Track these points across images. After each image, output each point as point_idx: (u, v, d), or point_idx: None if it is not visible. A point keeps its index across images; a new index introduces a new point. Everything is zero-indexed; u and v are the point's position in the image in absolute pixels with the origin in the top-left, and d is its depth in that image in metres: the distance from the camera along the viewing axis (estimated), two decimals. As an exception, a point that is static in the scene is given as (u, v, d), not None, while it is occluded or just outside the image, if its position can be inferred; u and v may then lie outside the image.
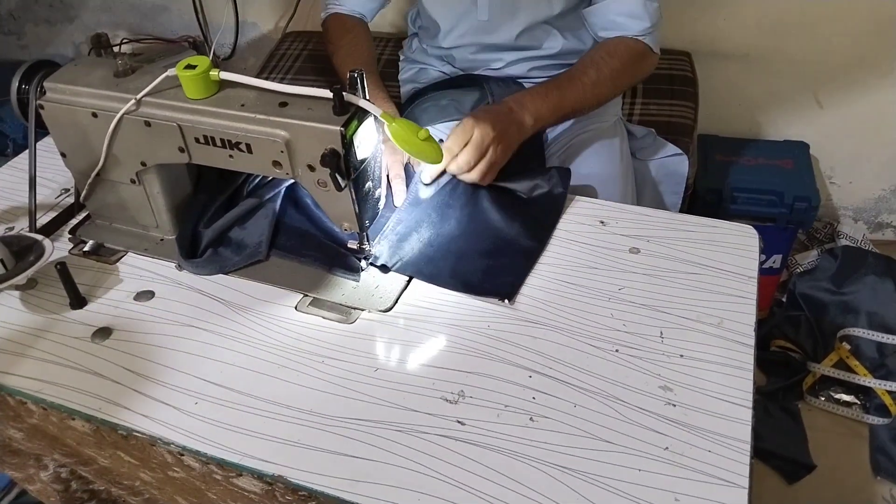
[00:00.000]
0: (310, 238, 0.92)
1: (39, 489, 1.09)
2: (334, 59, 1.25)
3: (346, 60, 1.22)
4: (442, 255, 0.90)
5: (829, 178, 1.91)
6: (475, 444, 0.69)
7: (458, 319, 0.83)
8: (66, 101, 0.86)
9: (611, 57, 1.12)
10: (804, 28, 1.68)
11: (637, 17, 1.11)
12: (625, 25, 1.12)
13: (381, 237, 0.93)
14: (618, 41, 1.13)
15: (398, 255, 0.90)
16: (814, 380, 1.60)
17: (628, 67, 1.13)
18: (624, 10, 1.12)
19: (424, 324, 0.83)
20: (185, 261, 0.90)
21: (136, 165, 0.88)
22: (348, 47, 1.24)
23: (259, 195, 0.96)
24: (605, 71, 1.11)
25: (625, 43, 1.13)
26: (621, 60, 1.12)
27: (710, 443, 0.68)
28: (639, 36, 1.12)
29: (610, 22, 1.14)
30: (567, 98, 1.08)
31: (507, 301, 0.84)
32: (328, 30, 1.30)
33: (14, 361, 0.80)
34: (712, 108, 1.79)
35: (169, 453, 0.74)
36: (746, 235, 0.91)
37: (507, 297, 0.84)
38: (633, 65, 1.13)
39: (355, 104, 0.77)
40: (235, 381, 0.77)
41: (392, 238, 0.93)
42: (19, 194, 1.06)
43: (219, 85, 0.82)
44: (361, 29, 1.30)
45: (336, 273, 0.88)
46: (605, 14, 1.14)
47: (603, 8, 1.14)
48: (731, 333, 0.79)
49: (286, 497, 0.70)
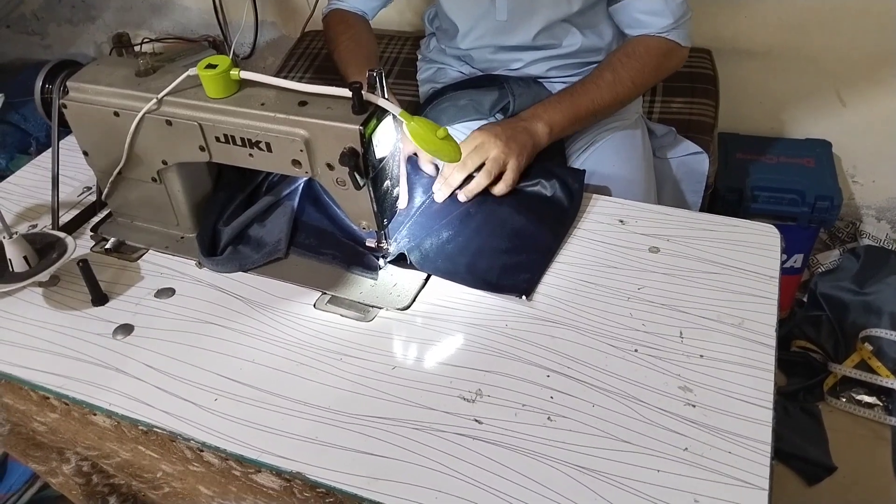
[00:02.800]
0: (328, 236, 0.93)
1: (61, 482, 1.11)
2: (335, 54, 1.25)
3: (347, 57, 1.21)
4: (459, 251, 0.90)
5: (851, 177, 1.89)
6: (493, 442, 0.69)
7: (476, 318, 0.83)
8: (89, 101, 0.87)
9: (628, 57, 1.11)
10: (827, 25, 1.66)
11: (658, 13, 1.10)
12: (647, 23, 1.12)
13: (398, 234, 0.93)
14: (637, 41, 1.13)
15: (416, 250, 0.90)
16: (835, 381, 1.58)
17: (649, 66, 1.12)
18: (645, 8, 1.11)
19: (442, 322, 0.83)
20: (206, 258, 0.91)
21: (158, 164, 0.88)
22: (348, 43, 1.23)
23: (277, 192, 0.96)
24: (623, 72, 1.10)
25: (644, 42, 1.12)
26: (641, 60, 1.11)
27: (730, 444, 0.67)
28: (661, 33, 1.11)
29: (633, 20, 1.13)
30: (581, 103, 1.08)
31: (524, 297, 0.83)
32: (329, 25, 1.30)
33: (37, 357, 0.81)
34: (733, 105, 1.77)
35: (189, 449, 0.75)
36: (768, 235, 0.90)
37: (524, 294, 0.84)
38: (654, 63, 1.12)
39: (374, 103, 0.77)
40: (255, 378, 0.77)
41: (410, 234, 0.93)
42: (42, 192, 1.07)
43: (239, 84, 0.83)
44: (363, 26, 1.29)
45: (354, 271, 0.89)
46: (628, 12, 1.13)
47: (626, 6, 1.13)
48: (751, 334, 0.78)
49: (304, 494, 0.71)
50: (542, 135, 1.04)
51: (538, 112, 1.06)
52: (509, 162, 0.98)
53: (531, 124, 1.04)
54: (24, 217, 1.03)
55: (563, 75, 1.27)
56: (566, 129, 1.08)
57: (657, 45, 1.12)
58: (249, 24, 2.16)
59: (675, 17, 1.10)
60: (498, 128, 1.01)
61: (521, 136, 1.01)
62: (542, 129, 1.04)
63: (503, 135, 1.00)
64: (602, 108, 1.11)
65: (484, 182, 0.97)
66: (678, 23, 1.11)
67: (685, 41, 1.14)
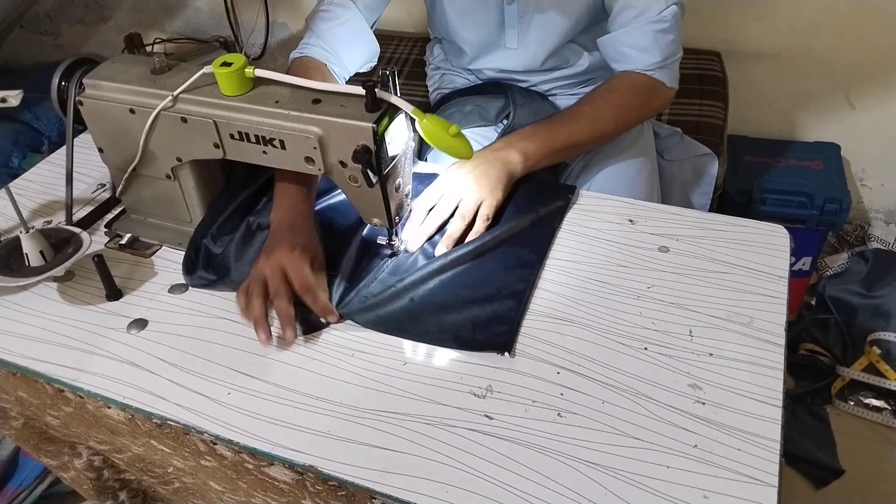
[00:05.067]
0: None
1: (73, 477, 1.12)
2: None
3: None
4: (425, 308, 0.83)
5: (860, 181, 1.89)
6: (503, 438, 0.70)
7: (487, 315, 0.83)
8: (105, 98, 0.88)
9: (610, 93, 1.06)
10: (836, 28, 1.66)
11: (646, 50, 1.04)
12: (632, 58, 1.05)
13: (354, 294, 0.86)
14: (622, 76, 1.07)
15: (375, 311, 0.83)
16: (843, 384, 1.58)
17: (632, 102, 1.06)
18: (633, 43, 1.04)
19: (453, 319, 0.83)
20: (185, 274, 0.90)
21: (172, 161, 0.89)
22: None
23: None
24: (603, 107, 1.05)
25: (629, 78, 1.06)
26: (622, 95, 1.06)
27: (739, 441, 0.68)
28: (647, 71, 1.05)
29: (619, 53, 1.07)
30: (558, 135, 1.02)
31: (506, 354, 0.78)
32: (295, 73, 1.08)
33: (52, 351, 0.82)
34: (742, 108, 1.77)
35: (202, 442, 0.76)
36: (777, 235, 0.91)
37: (505, 350, 0.78)
38: (637, 101, 1.07)
39: (387, 101, 0.78)
40: (267, 373, 0.78)
41: (366, 294, 0.86)
42: (57, 189, 1.08)
43: (253, 82, 0.84)
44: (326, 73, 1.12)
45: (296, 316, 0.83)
46: (614, 45, 1.07)
47: (613, 38, 1.07)
48: (761, 333, 0.78)
49: (316, 487, 0.71)
50: (516, 163, 0.97)
51: (512, 141, 1.00)
52: (484, 201, 0.93)
53: (505, 154, 0.98)
54: (39, 213, 1.04)
55: (569, 93, 1.27)
56: (541, 160, 1.01)
57: (641, 82, 1.06)
58: (261, 25, 2.18)
59: (664, 56, 1.04)
60: (468, 166, 0.95)
61: (493, 170, 0.95)
62: (516, 158, 0.98)
63: (474, 172, 0.94)
64: (581, 142, 1.05)
65: (461, 227, 0.92)
66: (665, 62, 1.05)
67: (671, 82, 1.08)
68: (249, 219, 0.95)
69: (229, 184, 0.98)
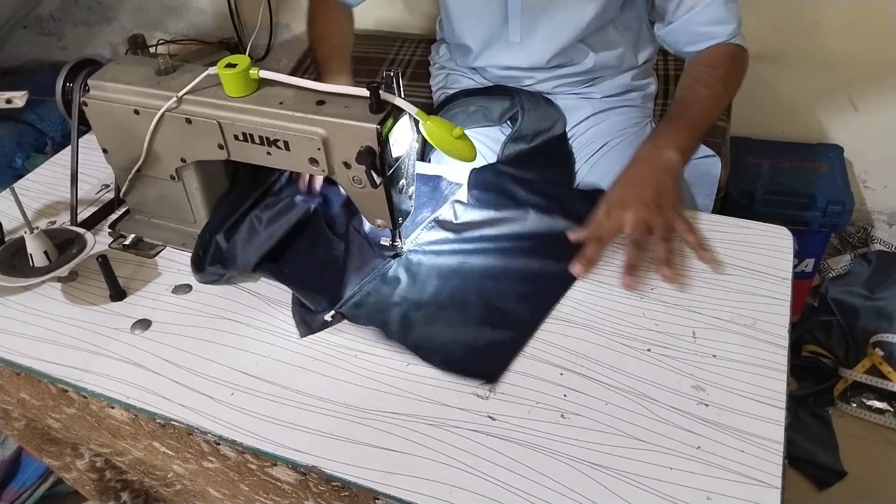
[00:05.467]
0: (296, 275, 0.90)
1: (75, 478, 1.12)
2: (310, 32, 1.23)
3: (321, 40, 1.20)
4: (426, 322, 0.82)
5: (863, 182, 1.88)
6: (506, 439, 0.70)
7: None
8: (109, 99, 0.88)
9: (713, 67, 1.07)
10: (840, 29, 1.66)
11: (724, 21, 1.07)
12: (713, 34, 1.08)
13: (357, 289, 0.86)
14: (713, 50, 1.09)
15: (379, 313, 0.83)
16: (845, 386, 1.57)
17: (733, 70, 1.08)
18: (709, 19, 1.07)
19: (456, 320, 0.83)
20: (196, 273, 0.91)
21: (176, 162, 0.90)
22: (326, 25, 1.22)
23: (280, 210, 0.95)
24: (715, 82, 1.06)
25: (720, 50, 1.09)
26: (724, 66, 1.08)
27: (742, 443, 0.68)
28: (730, 39, 1.08)
29: (696, 35, 1.09)
30: (697, 121, 1.02)
31: (487, 386, 0.75)
32: (311, 5, 1.26)
33: (56, 351, 0.83)
34: (745, 109, 1.77)
35: (205, 442, 0.76)
36: (780, 237, 0.91)
37: (487, 380, 0.75)
38: (734, 67, 1.09)
39: (391, 103, 0.78)
40: (271, 373, 0.78)
41: (374, 298, 0.85)
42: (61, 189, 1.08)
43: (258, 83, 0.84)
44: (344, 13, 1.26)
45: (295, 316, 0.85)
46: (687, 28, 1.10)
47: (684, 24, 1.09)
48: (764, 334, 0.78)
49: (320, 487, 0.71)
50: (674, 161, 0.95)
51: (658, 143, 0.97)
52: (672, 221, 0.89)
53: (659, 154, 0.96)
54: (43, 214, 1.05)
55: (571, 91, 1.27)
56: (691, 151, 1.01)
57: (730, 51, 1.09)
58: (264, 26, 2.18)
59: (738, 22, 1.08)
60: (636, 190, 0.91)
61: (660, 178, 0.93)
62: (672, 157, 0.95)
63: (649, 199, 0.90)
64: (711, 121, 1.05)
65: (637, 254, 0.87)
66: (739, 28, 1.09)
67: (746, 45, 1.11)
68: (253, 215, 0.95)
69: (234, 185, 0.98)
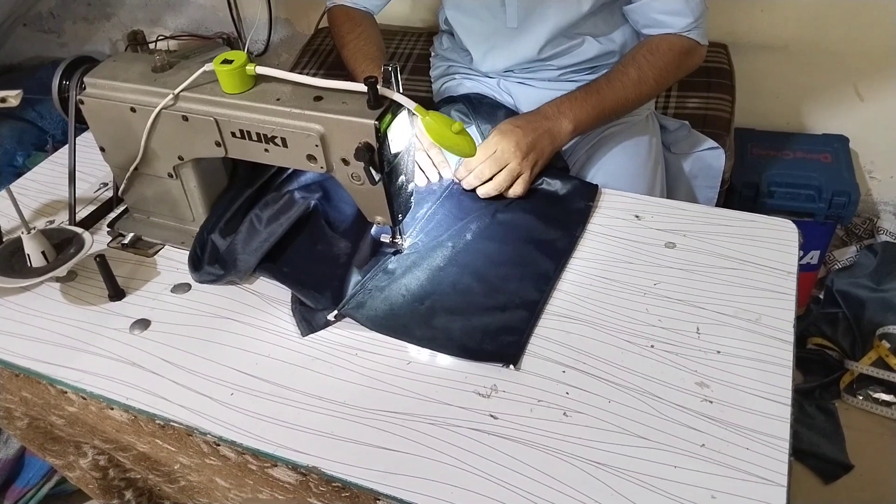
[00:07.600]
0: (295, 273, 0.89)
1: (78, 476, 1.12)
2: (344, 51, 1.24)
3: (356, 55, 1.20)
4: (435, 313, 0.82)
5: (868, 173, 1.87)
6: (508, 438, 0.69)
7: (491, 313, 0.82)
8: (106, 97, 0.87)
9: (652, 55, 1.10)
10: (844, 19, 1.64)
11: (679, 13, 1.09)
12: (668, 23, 1.10)
13: (360, 286, 0.85)
14: (660, 39, 1.11)
15: (381, 312, 0.82)
16: (851, 378, 1.56)
17: (672, 64, 1.11)
18: (665, 8, 1.09)
19: (457, 318, 0.82)
20: (193, 272, 0.90)
21: (174, 159, 0.89)
22: (357, 41, 1.22)
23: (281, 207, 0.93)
24: (647, 69, 1.09)
25: (668, 40, 1.11)
26: (664, 58, 1.10)
27: (747, 440, 0.67)
28: (683, 32, 1.10)
29: (652, 20, 1.12)
30: (606, 99, 1.07)
31: (511, 367, 0.76)
32: (335, 23, 1.28)
33: (55, 352, 0.82)
34: (749, 101, 1.76)
35: (205, 443, 0.75)
36: (785, 230, 0.90)
37: (511, 362, 0.76)
38: (677, 61, 1.11)
39: (389, 98, 0.77)
40: (270, 373, 0.77)
41: (377, 294, 0.85)
42: (59, 188, 1.08)
43: (255, 80, 0.83)
44: (369, 22, 1.27)
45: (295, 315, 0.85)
46: (646, 12, 1.12)
47: (643, 6, 1.11)
48: (769, 329, 0.77)
49: (320, 488, 0.71)
50: (564, 134, 1.03)
51: (563, 109, 1.04)
52: (524, 174, 0.98)
53: (555, 123, 1.03)
54: (41, 213, 1.04)
55: (575, 78, 1.26)
56: (589, 126, 1.07)
57: (679, 43, 1.11)
58: (263, 22, 2.17)
59: (695, 17, 1.09)
60: (519, 132, 0.99)
61: (542, 141, 1.00)
62: (567, 128, 1.03)
63: (523, 143, 0.98)
64: (626, 105, 1.10)
65: (494, 192, 0.98)
66: (697, 21, 1.10)
67: (704, 39, 1.13)
68: (252, 214, 0.94)
69: (233, 182, 0.98)
